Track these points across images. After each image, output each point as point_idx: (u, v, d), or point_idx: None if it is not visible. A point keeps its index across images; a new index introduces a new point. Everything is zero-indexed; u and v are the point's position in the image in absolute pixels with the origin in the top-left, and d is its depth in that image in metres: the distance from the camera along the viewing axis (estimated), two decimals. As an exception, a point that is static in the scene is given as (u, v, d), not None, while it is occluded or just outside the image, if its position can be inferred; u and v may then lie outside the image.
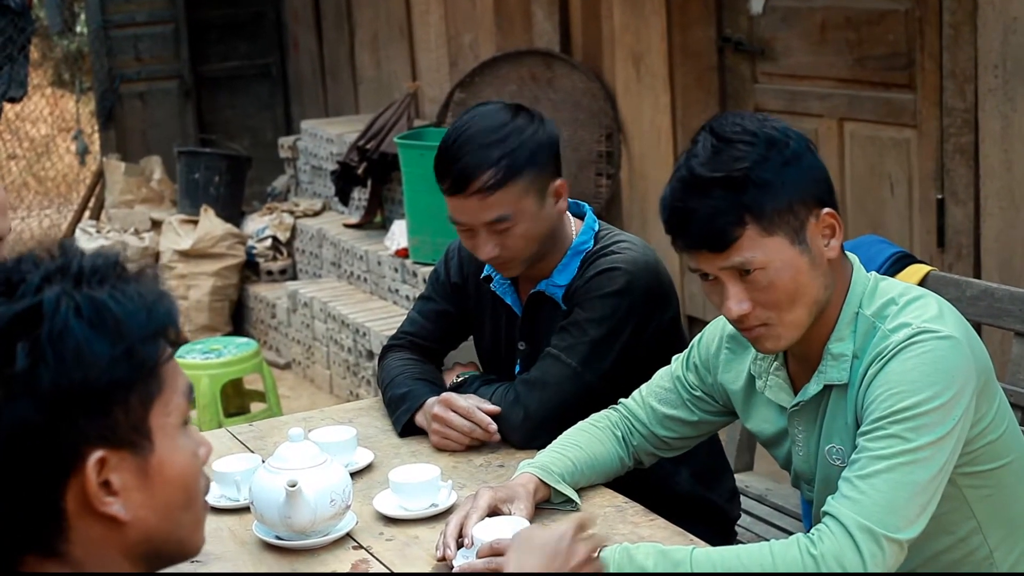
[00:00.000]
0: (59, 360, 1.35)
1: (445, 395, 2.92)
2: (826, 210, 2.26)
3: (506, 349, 3.09)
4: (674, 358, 2.70)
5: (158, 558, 1.49)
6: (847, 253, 2.35)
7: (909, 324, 2.22)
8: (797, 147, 2.25)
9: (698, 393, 2.63)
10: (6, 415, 1.35)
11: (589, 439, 2.66)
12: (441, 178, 2.89)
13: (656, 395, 2.68)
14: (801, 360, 2.38)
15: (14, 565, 1.41)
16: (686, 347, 2.70)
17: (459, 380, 3.06)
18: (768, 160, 2.21)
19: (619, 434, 2.69)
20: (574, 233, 2.98)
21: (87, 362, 1.36)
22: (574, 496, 2.56)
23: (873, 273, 2.36)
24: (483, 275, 3.08)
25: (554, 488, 2.54)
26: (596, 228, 3.00)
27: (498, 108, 2.93)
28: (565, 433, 2.70)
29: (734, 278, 2.24)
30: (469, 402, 2.88)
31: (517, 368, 3.06)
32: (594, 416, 2.73)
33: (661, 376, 2.70)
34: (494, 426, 2.86)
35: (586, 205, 3.05)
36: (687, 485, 3.00)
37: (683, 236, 2.25)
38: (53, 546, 1.41)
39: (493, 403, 2.92)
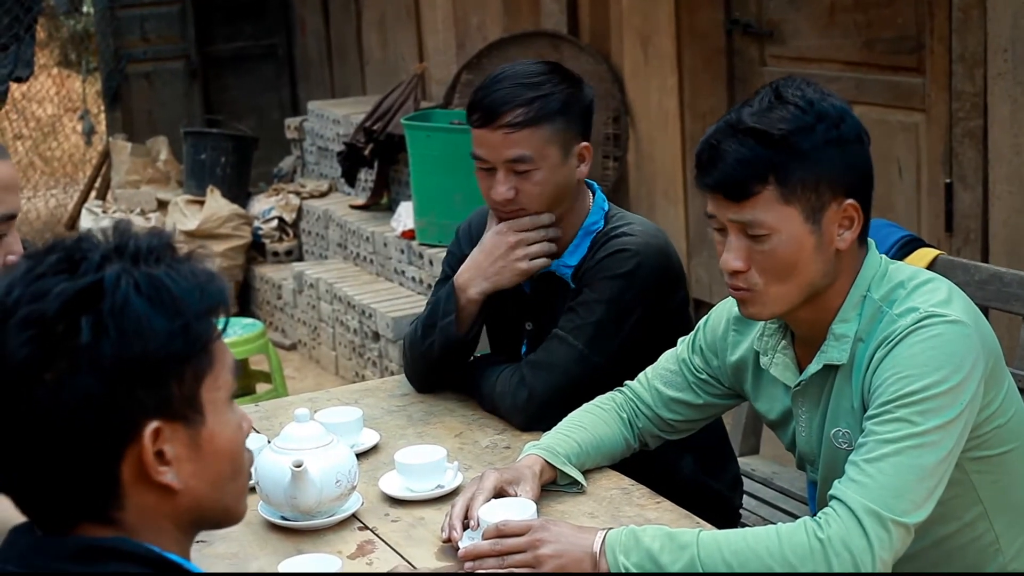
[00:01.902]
0: (120, 333, 1.40)
1: (502, 225, 2.94)
2: (850, 201, 2.25)
3: (513, 328, 3.08)
4: (680, 340, 2.70)
5: (204, 525, 1.56)
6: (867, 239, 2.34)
7: (917, 308, 2.22)
8: (847, 131, 2.25)
9: (703, 376, 2.63)
10: (70, 387, 1.40)
11: (595, 421, 2.66)
12: (471, 111, 2.91)
13: (661, 377, 2.68)
14: (807, 341, 2.38)
15: (69, 531, 1.47)
16: (692, 330, 2.70)
17: (471, 360, 3.06)
18: (812, 132, 2.21)
19: (624, 416, 2.69)
20: (587, 210, 2.97)
21: (147, 336, 1.42)
22: (580, 478, 2.56)
23: (884, 257, 2.35)
24: None
25: (560, 470, 2.54)
26: (606, 208, 3.00)
27: (538, 61, 2.99)
28: (571, 415, 2.69)
29: (739, 233, 2.26)
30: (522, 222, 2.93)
31: (523, 348, 3.05)
32: (599, 398, 2.73)
33: (667, 359, 2.70)
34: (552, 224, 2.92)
35: (595, 184, 3.04)
36: (691, 472, 3.00)
37: (706, 174, 2.27)
38: (107, 514, 1.46)
39: (499, 385, 2.92)
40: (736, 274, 2.28)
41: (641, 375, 2.72)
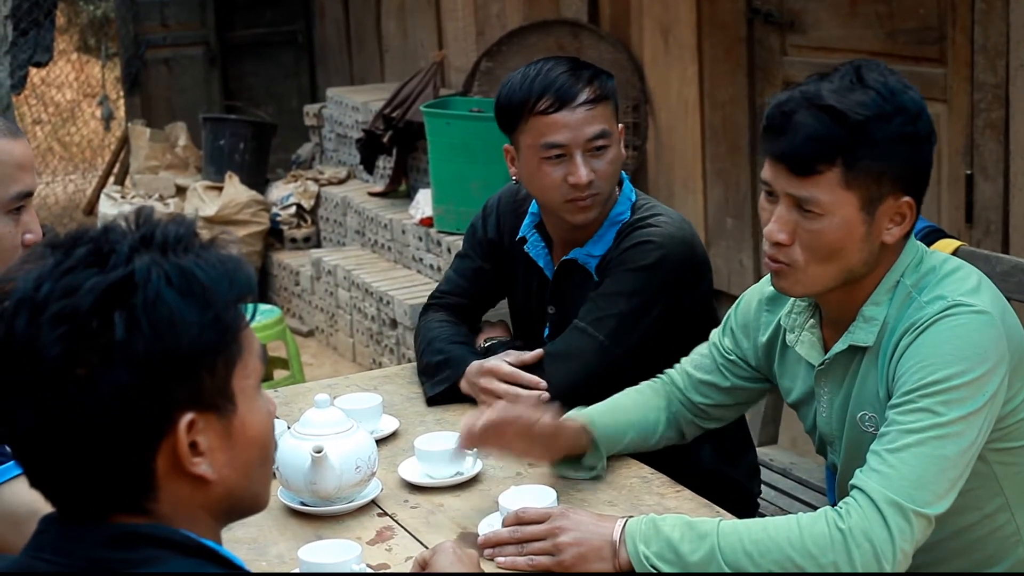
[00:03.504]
0: (154, 328, 1.40)
1: (489, 365, 2.90)
2: (907, 198, 2.24)
3: (536, 312, 3.08)
4: (713, 331, 2.69)
5: (235, 513, 1.56)
6: None
7: (945, 297, 2.21)
8: (921, 129, 2.23)
9: (732, 357, 2.61)
10: (103, 382, 1.39)
11: (636, 402, 2.65)
12: (535, 99, 2.87)
13: (693, 361, 2.68)
14: (836, 321, 2.37)
15: (103, 522, 1.46)
16: (718, 322, 2.69)
17: (486, 346, 3.06)
18: (889, 122, 2.19)
19: (662, 403, 2.67)
20: (615, 201, 2.97)
21: (179, 329, 1.41)
22: (602, 461, 2.55)
23: (920, 244, 2.34)
24: (519, 236, 3.06)
25: (594, 439, 2.54)
26: (633, 199, 2.99)
27: (561, 57, 3.00)
28: (613, 398, 2.68)
29: (791, 207, 2.23)
30: (511, 367, 2.87)
31: (546, 332, 3.05)
32: (641, 384, 2.72)
33: (702, 344, 2.69)
34: (543, 383, 2.86)
35: (624, 174, 3.03)
36: (710, 461, 2.99)
37: (774, 142, 2.23)
38: (142, 505, 1.46)
39: (519, 374, 2.91)
40: (778, 246, 2.26)
41: (678, 363, 2.72)
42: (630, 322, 2.87)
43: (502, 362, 2.89)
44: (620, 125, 2.95)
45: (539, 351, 2.89)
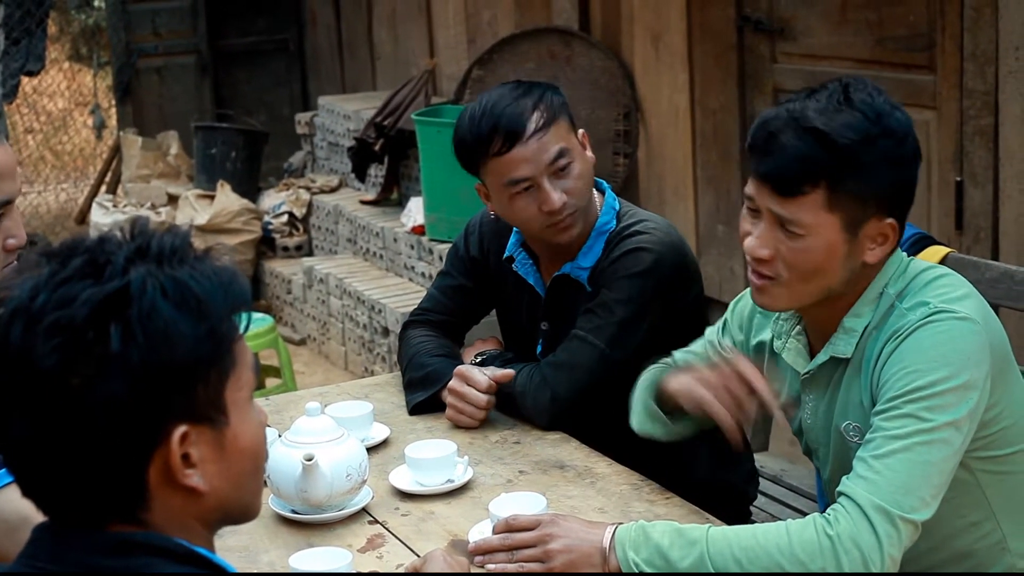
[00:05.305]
0: (148, 340, 1.40)
1: (461, 368, 2.92)
2: (890, 220, 2.24)
3: (528, 329, 3.08)
4: (708, 328, 2.68)
5: (227, 522, 1.57)
6: None
7: (928, 303, 2.21)
8: (907, 151, 2.23)
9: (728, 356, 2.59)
10: (98, 392, 1.39)
11: None
12: (486, 143, 2.86)
13: (686, 360, 2.62)
14: (819, 331, 2.38)
15: (99, 531, 1.46)
16: (708, 325, 2.68)
17: (478, 360, 3.06)
18: (875, 145, 2.18)
19: None
20: (598, 211, 2.97)
21: (174, 341, 1.42)
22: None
23: (904, 254, 2.35)
24: (505, 255, 3.06)
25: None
26: (617, 207, 3.00)
27: (503, 84, 2.98)
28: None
29: (773, 224, 2.23)
30: (485, 375, 2.88)
31: (539, 348, 3.05)
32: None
33: (694, 343, 2.68)
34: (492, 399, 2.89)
35: (605, 183, 3.04)
36: (707, 467, 2.99)
37: (760, 162, 2.23)
38: (135, 515, 1.46)
39: (518, 385, 2.91)
40: (761, 261, 2.26)
41: (672, 355, 2.69)
42: (629, 328, 2.88)
43: (476, 369, 2.92)
44: (580, 131, 2.95)
45: (510, 371, 2.90)
